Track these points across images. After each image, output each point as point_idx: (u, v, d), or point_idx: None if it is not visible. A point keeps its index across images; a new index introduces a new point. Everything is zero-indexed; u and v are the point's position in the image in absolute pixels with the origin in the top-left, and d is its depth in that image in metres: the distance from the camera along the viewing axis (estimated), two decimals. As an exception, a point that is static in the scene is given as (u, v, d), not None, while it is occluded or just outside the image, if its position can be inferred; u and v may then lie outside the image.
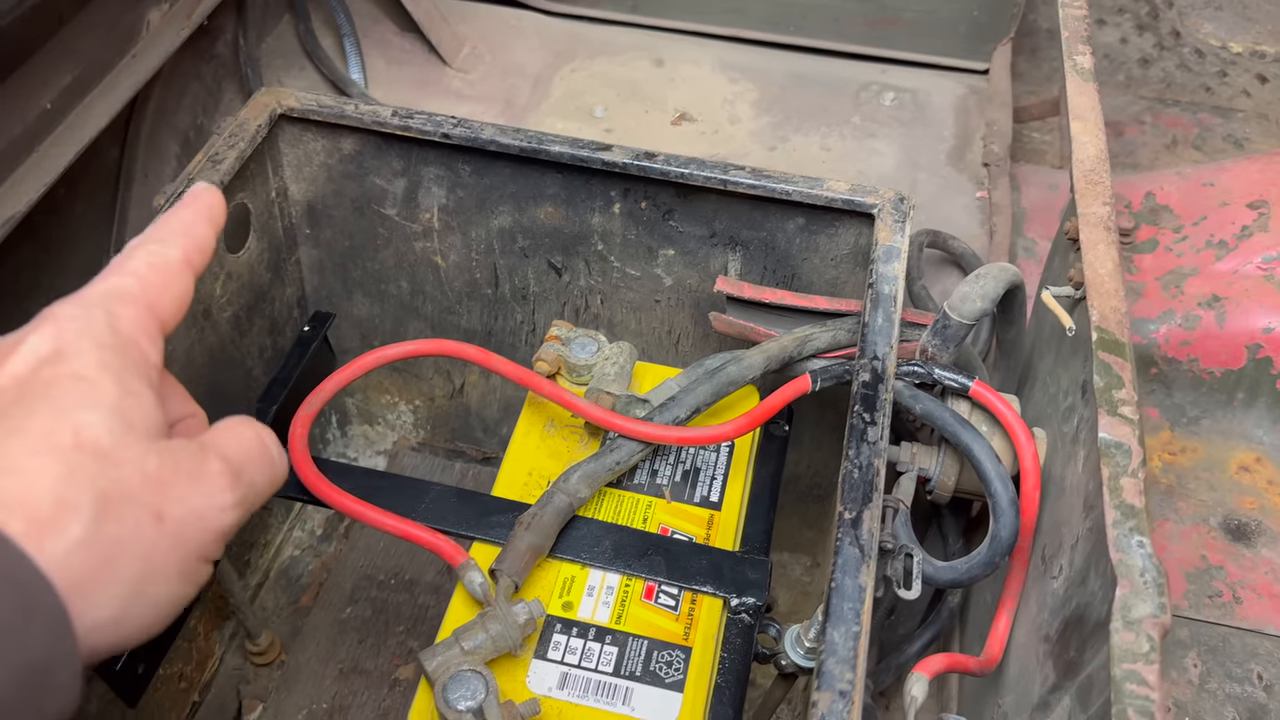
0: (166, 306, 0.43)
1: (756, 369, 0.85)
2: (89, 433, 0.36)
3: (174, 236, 0.44)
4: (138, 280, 0.42)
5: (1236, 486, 1.22)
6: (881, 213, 0.89)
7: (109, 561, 0.36)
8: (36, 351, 0.37)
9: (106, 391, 0.37)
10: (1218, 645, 1.08)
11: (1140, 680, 0.54)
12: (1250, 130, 1.71)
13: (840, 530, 0.68)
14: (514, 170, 0.97)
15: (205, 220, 0.46)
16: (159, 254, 0.43)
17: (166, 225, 0.45)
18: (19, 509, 0.34)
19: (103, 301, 0.40)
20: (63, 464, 0.35)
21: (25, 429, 0.35)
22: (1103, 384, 0.67)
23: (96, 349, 0.38)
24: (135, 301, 0.41)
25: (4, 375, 0.37)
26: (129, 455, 0.37)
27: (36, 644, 0.33)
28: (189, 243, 0.45)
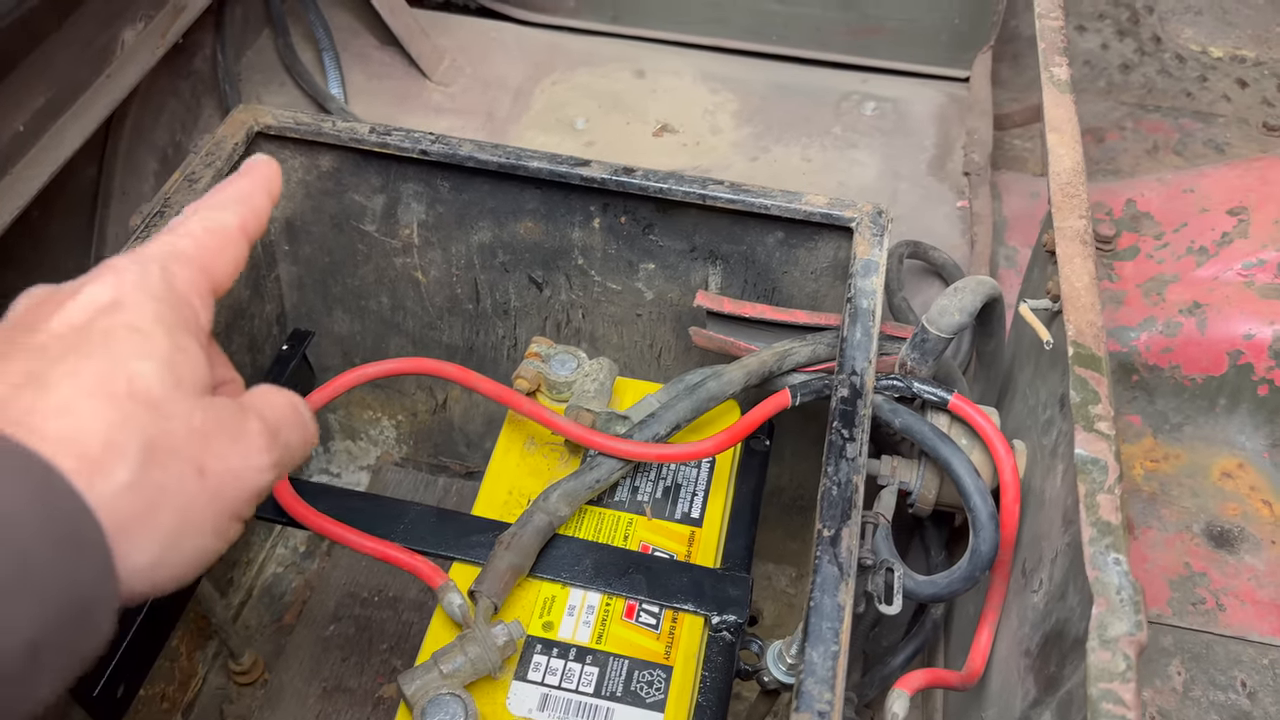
0: (219, 270, 0.43)
1: (736, 384, 0.85)
2: (141, 382, 0.37)
3: (231, 203, 0.45)
4: (194, 242, 0.43)
5: (1219, 493, 1.22)
6: (860, 226, 0.89)
7: (151, 508, 0.36)
8: (95, 300, 0.38)
9: (159, 344, 0.38)
10: (1201, 653, 1.08)
11: (1117, 700, 0.54)
12: (1231, 135, 1.71)
13: (819, 548, 0.68)
14: (493, 186, 0.97)
15: (263, 190, 0.47)
16: (215, 219, 0.44)
17: (224, 192, 0.46)
18: (71, 447, 0.35)
19: (160, 259, 0.41)
20: (115, 409, 0.36)
21: (80, 372, 0.36)
22: (1079, 399, 0.67)
23: (152, 302, 0.39)
24: (190, 262, 0.42)
25: (63, 321, 0.38)
26: (177, 408, 0.38)
27: (83, 581, 0.34)
28: (245, 210, 0.45)
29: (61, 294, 0.39)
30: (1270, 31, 1.91)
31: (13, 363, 0.36)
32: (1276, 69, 1.84)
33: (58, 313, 0.38)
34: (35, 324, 0.38)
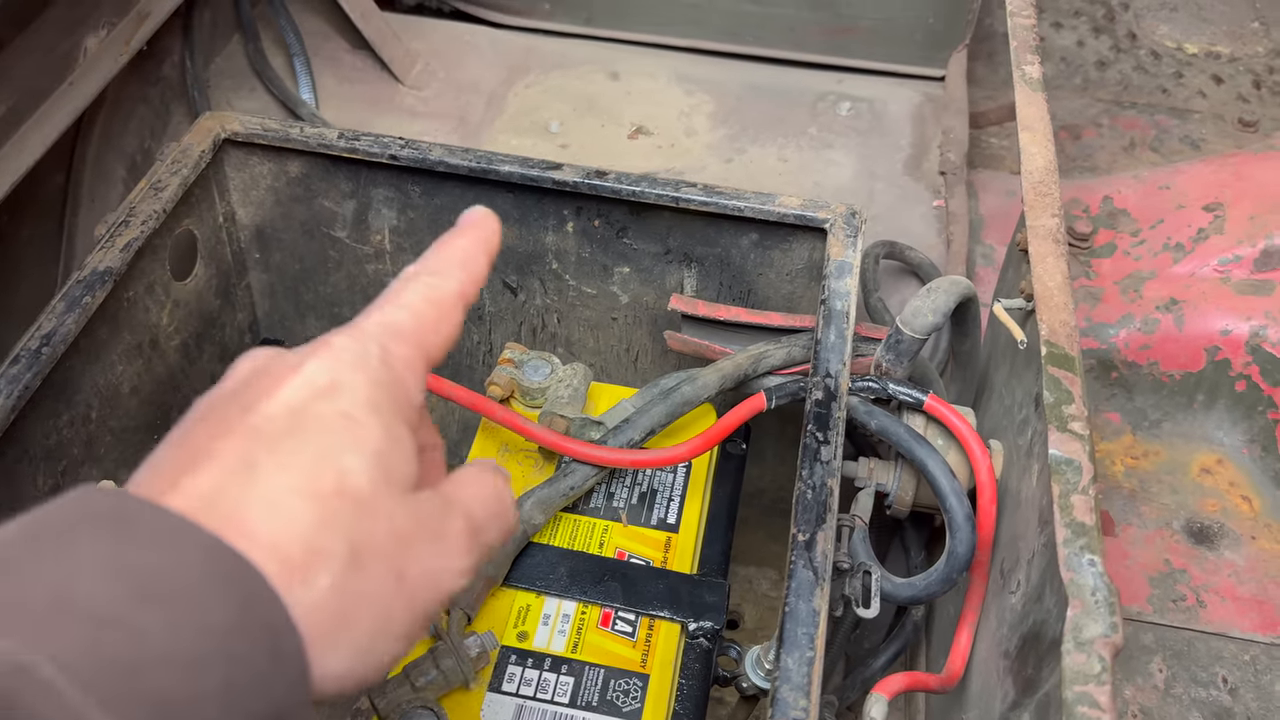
0: (436, 344, 0.41)
1: (711, 388, 0.84)
2: (351, 479, 0.35)
3: (451, 268, 0.42)
4: (412, 316, 0.40)
5: (1199, 489, 1.22)
6: (833, 227, 0.89)
7: (349, 616, 0.35)
8: (313, 382, 0.37)
9: (372, 435, 0.36)
10: (1182, 649, 1.08)
11: (1092, 703, 0.53)
12: (1206, 131, 1.72)
13: (794, 553, 0.68)
14: (464, 190, 0.96)
15: (483, 251, 0.44)
16: (436, 287, 0.41)
17: (444, 255, 0.43)
18: (276, 551, 0.33)
19: (378, 336, 0.39)
20: (322, 509, 0.34)
21: (291, 466, 0.35)
22: (1052, 399, 0.66)
23: (368, 386, 0.37)
24: (408, 339, 0.40)
25: (280, 403, 0.36)
26: (383, 507, 0.36)
27: (279, 693, 0.32)
28: (465, 275, 0.42)
29: (281, 367, 0.38)
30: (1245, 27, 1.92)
31: (228, 443, 0.35)
32: (1251, 65, 1.85)
33: (276, 391, 0.36)
34: (253, 402, 0.36)
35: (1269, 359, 1.20)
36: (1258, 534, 1.17)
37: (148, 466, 0.35)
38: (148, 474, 0.35)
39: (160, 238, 0.91)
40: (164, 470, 0.34)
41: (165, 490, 0.33)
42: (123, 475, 0.90)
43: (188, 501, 0.33)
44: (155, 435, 0.95)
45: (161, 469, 0.35)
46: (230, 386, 0.38)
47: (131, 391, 0.91)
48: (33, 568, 0.30)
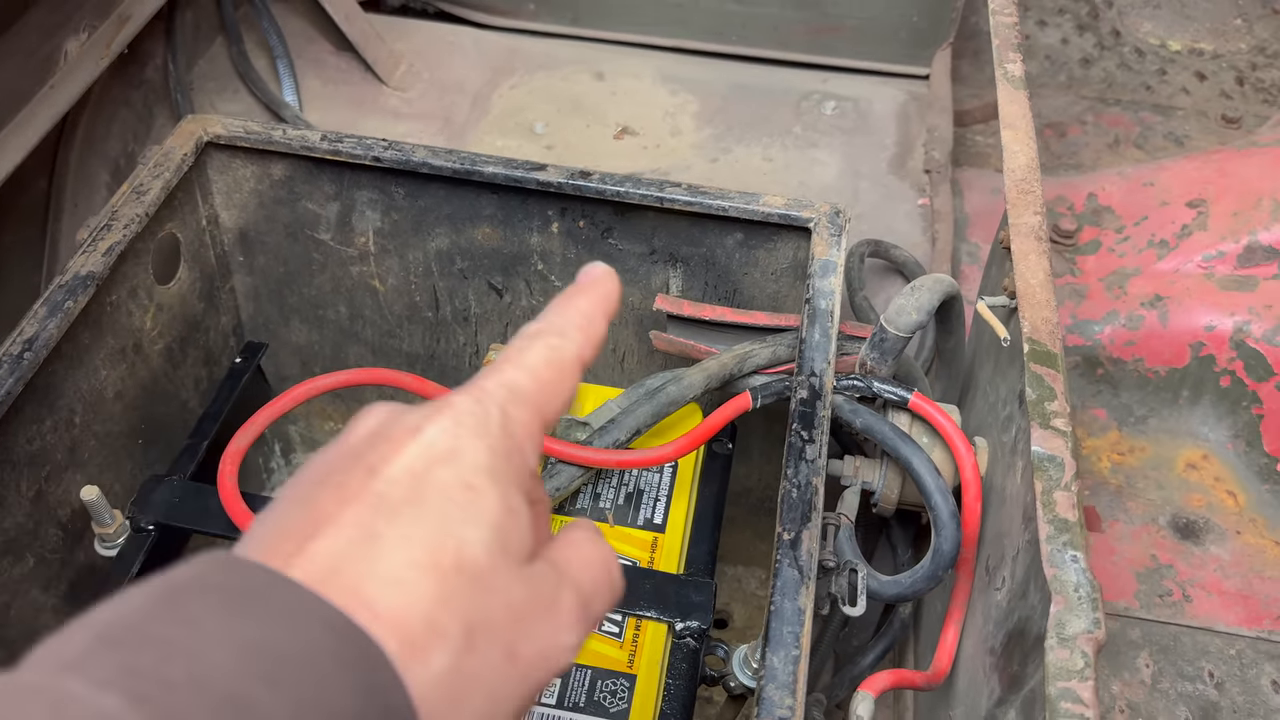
0: (553, 408, 0.40)
1: (697, 388, 0.84)
2: (469, 552, 0.35)
3: (573, 330, 0.42)
4: (533, 379, 0.40)
5: (1184, 484, 1.23)
6: (818, 226, 0.89)
7: (462, 695, 0.34)
8: (434, 447, 0.36)
9: (491, 506, 0.36)
10: (1169, 644, 1.09)
11: (1075, 698, 0.53)
12: (1190, 128, 1.73)
13: (779, 551, 0.68)
14: (449, 192, 0.96)
15: (602, 312, 0.43)
16: (557, 349, 0.41)
17: (566, 315, 0.42)
18: (397, 628, 0.33)
19: (500, 401, 0.38)
20: (441, 585, 0.34)
21: (414, 538, 0.34)
22: (1035, 396, 0.67)
23: (489, 454, 0.37)
24: (528, 403, 0.39)
25: (402, 468, 0.36)
26: (499, 583, 0.35)
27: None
28: (585, 338, 0.42)
29: (402, 429, 0.37)
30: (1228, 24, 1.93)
31: (351, 510, 0.34)
32: (1234, 61, 1.86)
33: (397, 455, 0.36)
34: (376, 465, 0.36)
35: (1253, 354, 1.20)
36: (1243, 529, 1.18)
37: (270, 525, 0.35)
38: (272, 534, 0.34)
39: (143, 241, 0.91)
40: (289, 532, 0.34)
41: (291, 555, 0.33)
42: (107, 480, 0.89)
43: (312, 570, 0.33)
44: (140, 440, 0.95)
45: (286, 530, 0.34)
46: (350, 446, 0.37)
47: (115, 396, 0.91)
48: (169, 640, 0.30)
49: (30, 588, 0.83)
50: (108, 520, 0.81)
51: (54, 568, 0.85)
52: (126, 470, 0.93)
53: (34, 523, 0.82)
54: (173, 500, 0.81)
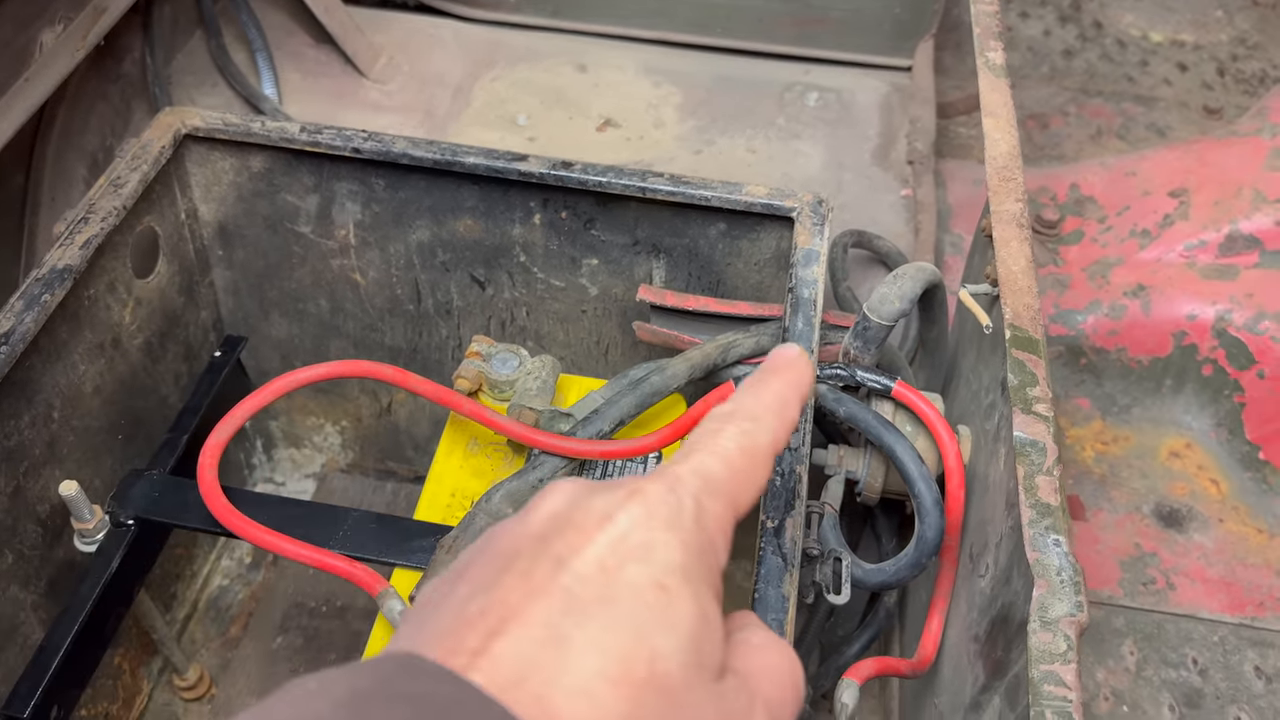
0: (746, 499, 0.38)
1: (680, 378, 0.84)
2: (662, 664, 0.33)
3: (768, 415, 0.40)
4: (727, 467, 0.38)
5: (1168, 473, 1.23)
6: (800, 216, 0.89)
7: None
8: (626, 539, 0.34)
9: (686, 612, 0.34)
10: (1153, 632, 1.09)
11: (1058, 681, 0.53)
12: (1171, 119, 1.73)
13: (763, 539, 0.67)
14: (429, 183, 0.95)
15: (797, 397, 0.42)
16: (752, 436, 0.39)
17: (761, 398, 0.41)
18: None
19: (694, 490, 0.37)
20: (632, 700, 0.32)
21: (605, 646, 0.32)
22: (1017, 382, 0.67)
23: (683, 551, 0.35)
24: (722, 493, 0.37)
25: (591, 561, 0.34)
26: (691, 698, 0.33)
27: None
28: (779, 425, 0.40)
29: (592, 515, 0.35)
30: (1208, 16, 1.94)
31: (538, 606, 0.32)
32: (1215, 53, 1.86)
33: (587, 546, 0.34)
34: (565, 555, 0.34)
35: (1235, 343, 1.21)
36: (1225, 516, 1.19)
37: (450, 612, 0.33)
38: (452, 624, 0.33)
39: (121, 235, 0.90)
40: (471, 622, 0.32)
41: (475, 654, 0.31)
42: (86, 476, 0.89)
43: (498, 675, 0.31)
44: (119, 436, 0.94)
45: (468, 620, 0.33)
46: (536, 529, 0.35)
47: (94, 391, 0.90)
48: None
49: (9, 584, 0.82)
50: (87, 516, 0.80)
51: (33, 564, 0.84)
52: (106, 466, 0.92)
53: (12, 519, 0.82)
54: (153, 495, 0.81)
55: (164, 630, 0.97)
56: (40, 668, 0.73)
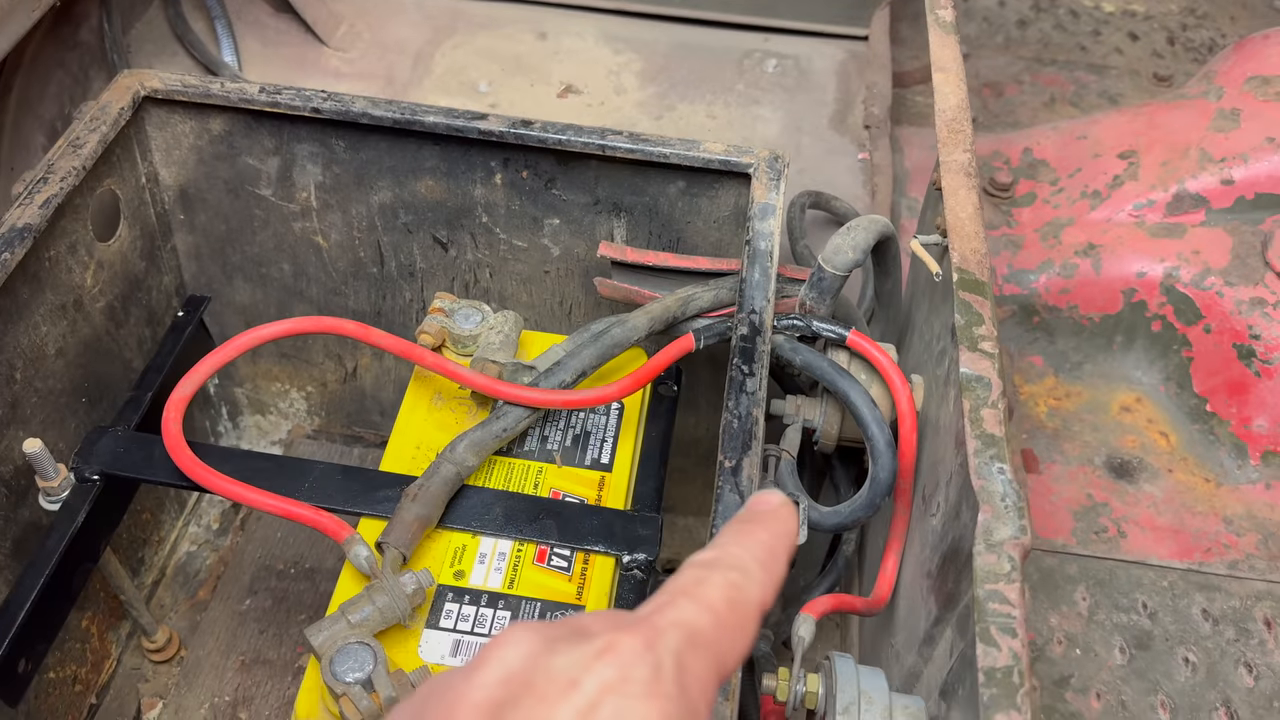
0: (731, 660, 0.34)
1: (641, 330, 0.86)
2: None
3: (757, 568, 0.36)
4: (714, 620, 0.34)
5: (1119, 427, 1.27)
6: (757, 171, 0.91)
7: None
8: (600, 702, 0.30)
9: None
10: (1105, 578, 1.12)
11: (1002, 599, 0.55)
12: (1124, 86, 1.77)
13: (721, 478, 0.69)
14: (390, 144, 0.96)
15: (785, 550, 0.38)
16: (740, 589, 0.35)
17: (748, 548, 0.37)
18: None
19: (675, 644, 0.32)
20: None
21: None
22: (963, 321, 0.69)
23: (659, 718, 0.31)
24: (707, 650, 0.33)
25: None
26: None
27: None
28: (768, 579, 0.37)
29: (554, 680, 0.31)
30: (1159, -13, 1.97)
31: None
32: (1165, 22, 1.90)
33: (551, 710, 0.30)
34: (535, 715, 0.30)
35: (1182, 299, 1.24)
36: (1174, 467, 1.22)
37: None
38: None
39: (81, 196, 0.90)
40: None
41: None
42: (50, 438, 0.89)
43: None
44: (83, 399, 0.94)
45: None
46: (485, 696, 0.31)
47: (57, 353, 0.90)
48: None
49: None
50: (52, 474, 0.81)
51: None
52: (71, 429, 0.92)
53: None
54: (117, 450, 0.81)
55: (132, 591, 0.98)
56: (6, 620, 0.74)
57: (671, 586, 0.35)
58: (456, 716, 0.30)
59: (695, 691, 0.32)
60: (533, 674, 0.31)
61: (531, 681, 0.30)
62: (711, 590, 0.35)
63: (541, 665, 0.31)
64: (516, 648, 0.32)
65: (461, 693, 0.30)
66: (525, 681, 0.30)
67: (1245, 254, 1.24)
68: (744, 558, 0.37)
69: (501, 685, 0.30)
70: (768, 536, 0.38)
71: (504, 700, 0.30)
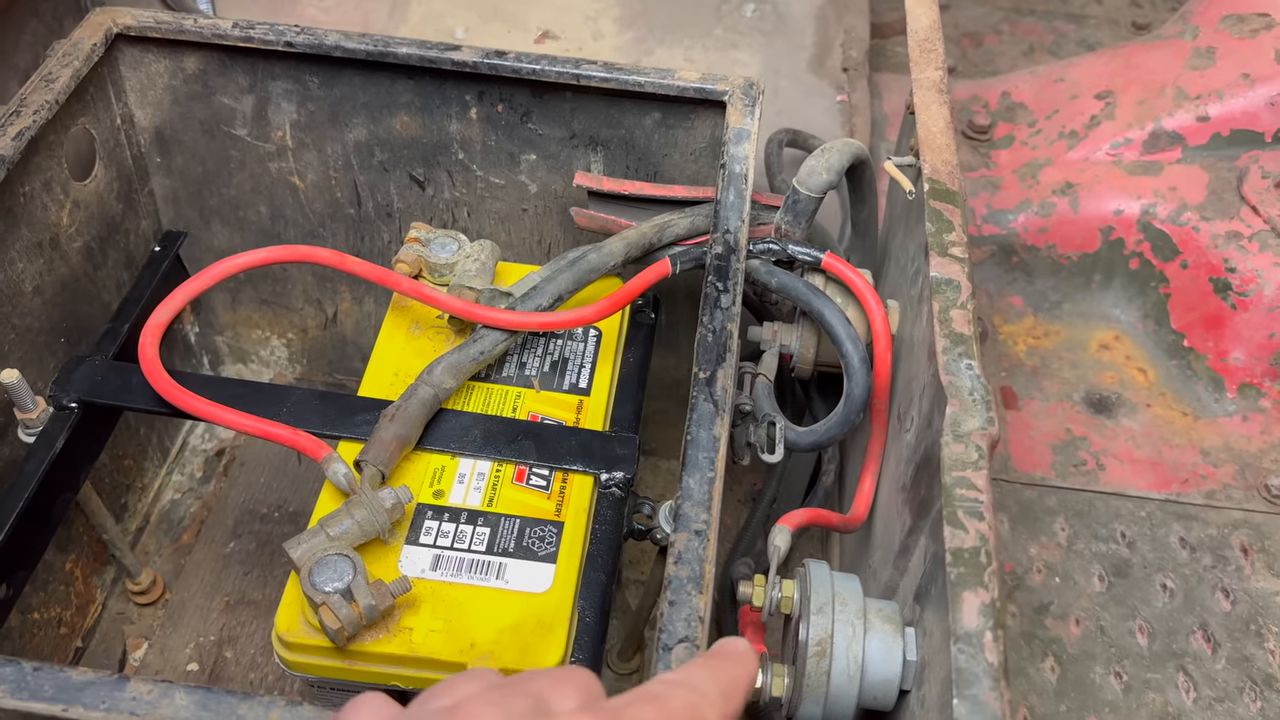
0: None
1: (617, 256, 0.86)
2: None
3: (717, 696, 0.38)
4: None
5: (1097, 364, 1.28)
6: (732, 99, 0.91)
7: None
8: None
9: None
10: (1084, 509, 1.14)
11: (969, 485, 0.56)
12: (1102, 35, 1.77)
13: (695, 389, 0.70)
14: (364, 78, 0.96)
15: (745, 688, 0.40)
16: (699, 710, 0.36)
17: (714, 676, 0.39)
18: None
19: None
20: None
21: None
22: (934, 229, 0.69)
23: None
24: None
25: None
26: None
27: None
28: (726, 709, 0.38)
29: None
30: (1138, -62, 1.97)
31: None
32: (1144, -28, 1.90)
33: None
34: None
35: (1159, 235, 1.25)
36: (1153, 402, 1.23)
37: None
38: None
39: (54, 133, 0.90)
40: None
41: None
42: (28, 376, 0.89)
43: None
44: (62, 339, 0.94)
45: None
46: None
47: (34, 291, 0.90)
48: None
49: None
50: (30, 405, 0.81)
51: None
52: (49, 368, 0.92)
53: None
54: (95, 379, 0.81)
55: (115, 534, 0.98)
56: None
57: (639, 692, 0.36)
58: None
59: None
60: None
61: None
62: (674, 703, 0.36)
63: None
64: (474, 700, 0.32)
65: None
66: None
67: (1221, 189, 1.25)
68: (706, 685, 0.38)
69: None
70: (732, 671, 0.40)
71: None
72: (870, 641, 0.62)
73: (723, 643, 0.42)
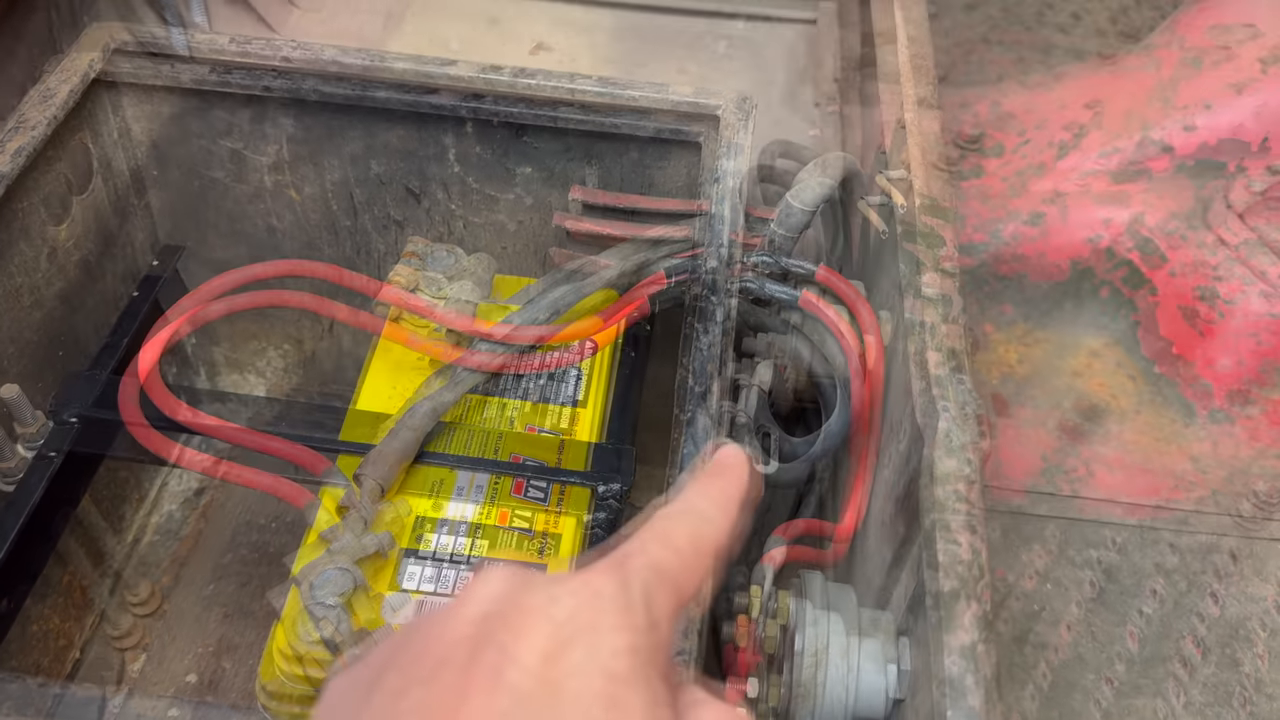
0: (690, 592, 0.37)
1: (613, 270, 0.87)
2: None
3: (718, 514, 0.39)
4: (680, 561, 0.37)
5: (1087, 372, 1.29)
6: (725, 113, 0.92)
7: None
8: (574, 631, 0.33)
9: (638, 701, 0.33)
10: (1074, 517, 1.15)
11: (961, 498, 0.57)
12: (1091, 45, 1.79)
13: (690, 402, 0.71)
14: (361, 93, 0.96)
15: (741, 499, 0.41)
16: (703, 534, 0.38)
17: (710, 495, 0.40)
18: None
19: (643, 580, 0.35)
20: None
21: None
22: (926, 245, 0.70)
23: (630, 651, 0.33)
24: (672, 585, 0.36)
25: (536, 652, 0.32)
26: None
27: None
28: (726, 524, 0.39)
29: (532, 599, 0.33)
30: (1126, -53, 1.99)
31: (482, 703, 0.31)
32: (1131, -19, 1.92)
33: (528, 634, 0.32)
34: (508, 645, 0.32)
35: (1147, 243, 1.26)
36: (1141, 409, 1.24)
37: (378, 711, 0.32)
38: None
39: (53, 148, 0.90)
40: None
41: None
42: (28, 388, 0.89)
43: None
44: (60, 351, 0.95)
45: None
46: (474, 614, 0.33)
47: (33, 304, 0.91)
48: None
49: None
50: (29, 419, 0.81)
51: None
52: (49, 381, 0.93)
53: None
54: (94, 393, 0.82)
55: (113, 545, 0.99)
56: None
57: (641, 533, 0.38)
58: (452, 634, 0.33)
59: (662, 619, 0.35)
60: (518, 594, 0.33)
61: (519, 601, 0.33)
62: (677, 533, 0.38)
63: (521, 590, 0.33)
64: (499, 579, 0.34)
65: (453, 617, 0.33)
66: (513, 601, 0.33)
67: (1208, 199, 1.26)
68: (704, 506, 0.39)
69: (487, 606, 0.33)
70: (726, 485, 0.41)
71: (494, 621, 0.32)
72: (864, 651, 0.63)
73: (716, 455, 0.43)
